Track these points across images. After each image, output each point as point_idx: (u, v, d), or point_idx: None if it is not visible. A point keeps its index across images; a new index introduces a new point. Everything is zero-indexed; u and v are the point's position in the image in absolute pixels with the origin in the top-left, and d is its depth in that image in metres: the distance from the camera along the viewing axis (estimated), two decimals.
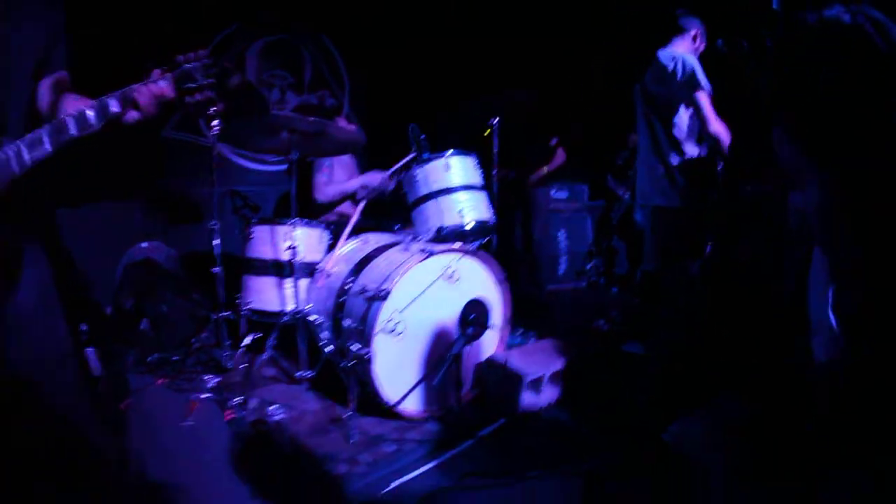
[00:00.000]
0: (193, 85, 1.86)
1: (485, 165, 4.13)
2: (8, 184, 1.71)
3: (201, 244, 4.07)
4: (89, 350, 3.86)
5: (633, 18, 5.21)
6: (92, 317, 4.53)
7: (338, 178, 4.81)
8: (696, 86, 3.64)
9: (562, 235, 6.37)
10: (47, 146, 1.73)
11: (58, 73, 2.00)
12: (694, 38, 3.94)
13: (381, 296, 3.06)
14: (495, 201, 4.22)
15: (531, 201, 5.98)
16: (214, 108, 2.42)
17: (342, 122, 5.05)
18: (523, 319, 4.41)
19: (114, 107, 1.80)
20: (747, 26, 3.24)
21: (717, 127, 3.61)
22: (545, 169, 6.07)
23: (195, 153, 5.54)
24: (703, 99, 3.63)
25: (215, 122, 3.85)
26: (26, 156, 1.72)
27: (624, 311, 4.91)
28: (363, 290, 3.22)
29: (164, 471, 2.75)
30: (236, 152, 6.00)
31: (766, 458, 2.14)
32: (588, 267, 6.50)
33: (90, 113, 1.76)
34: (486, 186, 4.01)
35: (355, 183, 4.72)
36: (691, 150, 3.86)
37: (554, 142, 6.16)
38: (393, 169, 4.17)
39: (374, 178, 4.55)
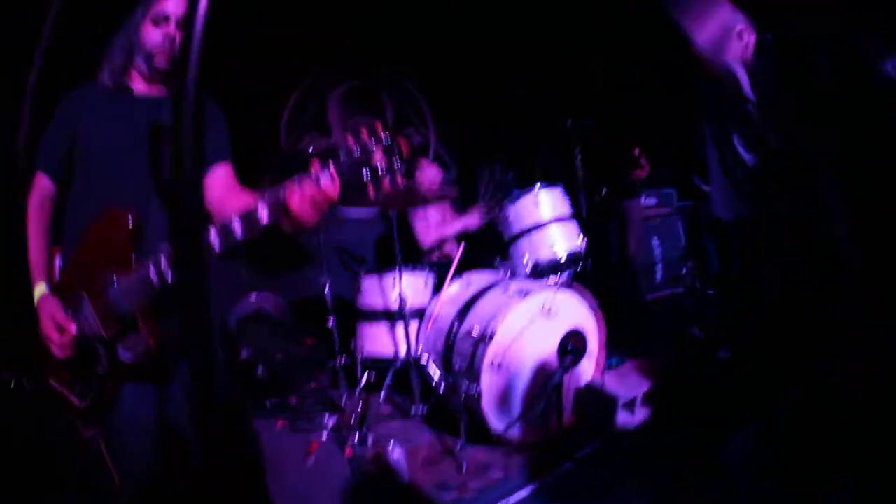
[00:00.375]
0: (374, 172, 1.56)
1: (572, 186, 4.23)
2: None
3: (309, 291, 4.26)
4: None
5: None
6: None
7: (433, 221, 4.99)
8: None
9: (655, 242, 6.34)
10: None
11: (219, 166, 2.12)
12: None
13: (487, 338, 3.25)
14: (587, 221, 4.29)
15: (625, 214, 5.90)
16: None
17: (429, 168, 5.19)
18: (623, 336, 4.47)
19: (264, 216, 1.61)
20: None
21: None
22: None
23: None
24: None
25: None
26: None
27: (719, 314, 4.87)
28: (469, 333, 3.43)
29: None
30: None
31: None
32: (683, 271, 6.45)
33: (234, 225, 1.62)
34: (575, 213, 4.12)
35: (456, 226, 4.88)
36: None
37: (637, 152, 6.11)
38: (487, 211, 4.29)
39: (473, 221, 4.70)
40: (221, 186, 2.08)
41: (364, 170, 1.55)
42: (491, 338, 3.23)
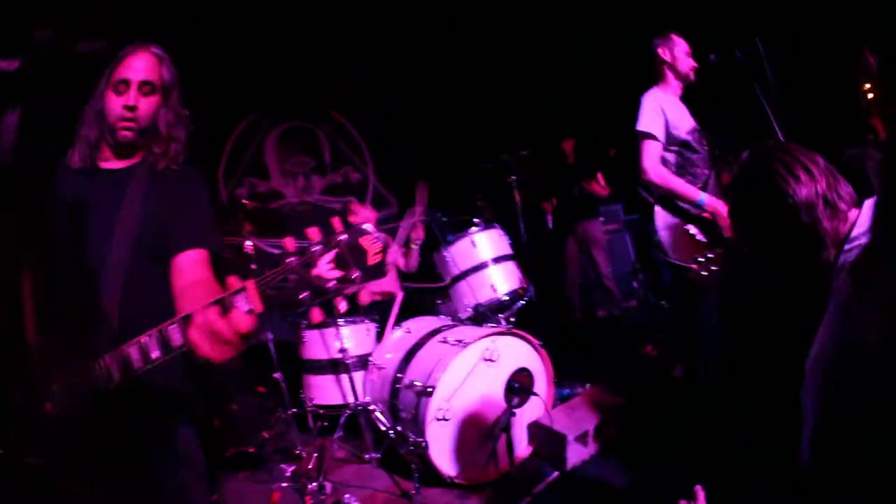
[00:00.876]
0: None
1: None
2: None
3: (255, 340, 4.26)
4: None
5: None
6: None
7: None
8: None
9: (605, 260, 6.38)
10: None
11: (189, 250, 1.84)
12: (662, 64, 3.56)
13: (428, 392, 3.29)
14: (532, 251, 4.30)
15: (585, 235, 5.87)
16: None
17: (362, 210, 5.14)
18: (575, 362, 4.53)
19: (175, 340, 1.38)
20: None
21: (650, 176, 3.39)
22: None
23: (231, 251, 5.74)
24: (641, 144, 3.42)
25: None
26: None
27: (672, 329, 4.92)
28: (412, 385, 3.47)
29: None
30: (271, 244, 6.16)
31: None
32: (635, 285, 6.55)
33: (152, 349, 1.41)
34: (514, 253, 4.17)
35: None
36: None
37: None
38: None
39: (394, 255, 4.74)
40: (188, 277, 1.77)
41: (304, 292, 1.22)
42: (432, 392, 3.27)
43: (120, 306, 1.71)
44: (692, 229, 3.32)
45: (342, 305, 1.25)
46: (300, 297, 1.20)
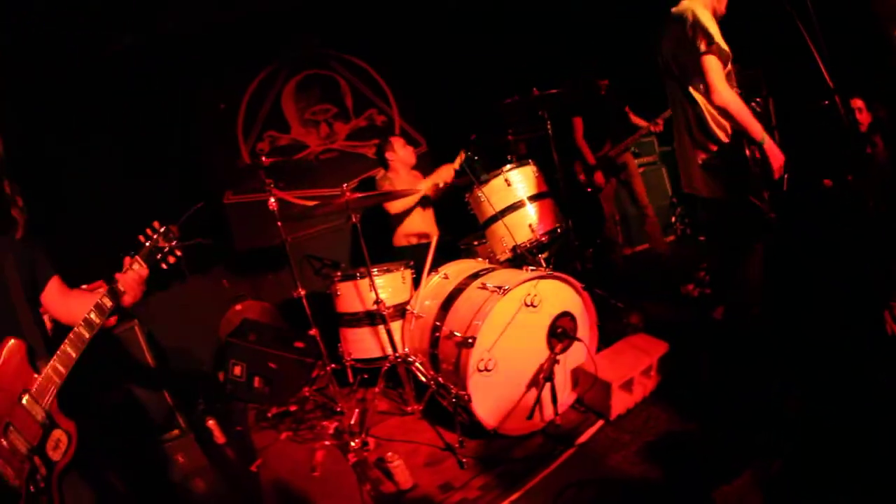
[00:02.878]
0: (162, 254, 2.29)
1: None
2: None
3: (291, 290, 4.18)
4: (210, 422, 4.11)
5: None
6: (205, 390, 4.80)
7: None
8: (702, 43, 2.89)
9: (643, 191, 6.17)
10: (73, 355, 2.08)
11: (49, 281, 2.31)
12: None
13: (469, 343, 3.13)
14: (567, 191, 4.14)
15: (626, 170, 5.68)
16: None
17: (401, 148, 4.97)
18: (619, 301, 4.37)
19: (108, 303, 2.17)
20: None
21: (725, 97, 2.88)
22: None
23: (258, 210, 5.62)
24: (708, 61, 2.88)
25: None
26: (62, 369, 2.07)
27: (711, 265, 4.70)
28: (451, 335, 3.32)
29: None
30: (297, 197, 6.12)
31: None
32: (673, 219, 6.34)
33: (93, 317, 2.12)
34: (549, 190, 3.98)
35: (426, 185, 4.73)
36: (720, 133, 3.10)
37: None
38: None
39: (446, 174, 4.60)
40: (58, 297, 2.32)
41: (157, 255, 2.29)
42: (472, 343, 3.11)
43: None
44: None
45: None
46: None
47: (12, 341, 2.06)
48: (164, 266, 2.32)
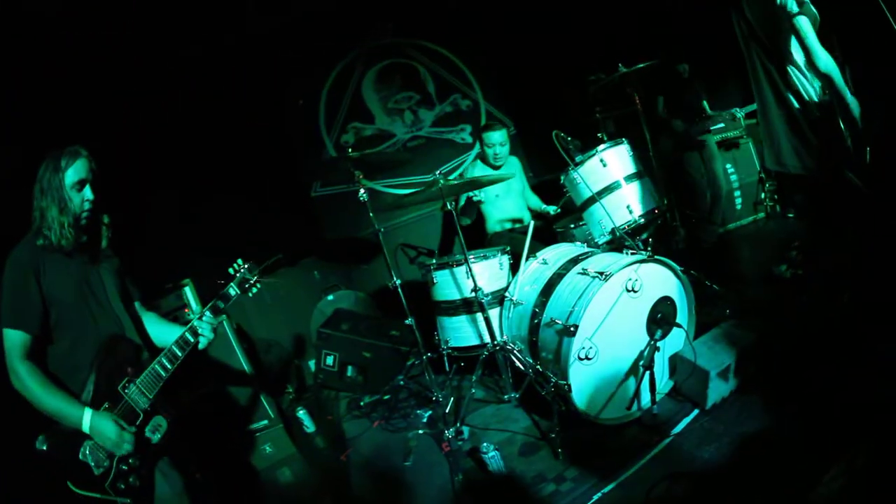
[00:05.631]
0: (249, 284, 2.75)
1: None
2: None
3: (384, 279, 4.21)
4: (300, 412, 4.17)
5: None
6: (297, 380, 4.89)
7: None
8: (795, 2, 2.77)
9: (731, 169, 6.01)
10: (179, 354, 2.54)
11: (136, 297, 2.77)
12: None
13: (571, 331, 3.07)
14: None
15: (696, 148, 5.54)
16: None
17: (491, 132, 4.91)
18: (713, 282, 4.25)
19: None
20: None
21: (826, 62, 2.77)
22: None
23: (347, 200, 5.74)
24: (802, 23, 2.78)
25: None
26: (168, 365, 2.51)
27: (802, 244, 4.52)
28: (552, 322, 3.26)
29: None
30: (386, 184, 6.16)
31: None
32: (762, 195, 6.11)
33: (178, 351, 2.52)
34: (644, 169, 3.89)
35: None
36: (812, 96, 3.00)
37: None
38: None
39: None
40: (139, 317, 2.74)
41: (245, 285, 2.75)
42: (575, 332, 3.05)
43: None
44: None
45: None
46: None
47: (121, 339, 2.49)
48: (249, 294, 2.76)
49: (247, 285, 2.72)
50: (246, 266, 2.73)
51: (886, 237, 3.03)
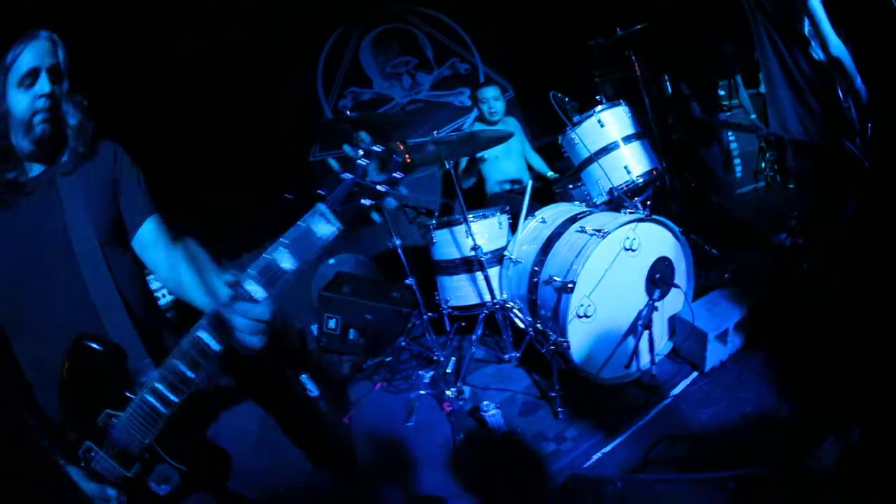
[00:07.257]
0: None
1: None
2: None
3: (385, 246, 4.21)
4: (303, 376, 4.21)
5: None
6: (300, 344, 4.92)
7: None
8: None
9: (731, 138, 5.99)
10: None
11: (143, 224, 1.90)
12: None
13: (569, 288, 3.11)
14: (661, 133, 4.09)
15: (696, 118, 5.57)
16: None
17: (487, 89, 5.04)
18: (712, 246, 4.29)
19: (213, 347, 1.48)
20: None
21: (838, 48, 2.81)
22: None
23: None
24: (819, 7, 2.80)
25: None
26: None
27: (801, 214, 4.55)
28: (551, 280, 3.31)
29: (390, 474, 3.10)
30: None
31: None
32: (763, 165, 6.12)
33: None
34: (644, 130, 3.91)
35: None
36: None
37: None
38: None
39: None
40: (155, 246, 1.87)
41: (365, 198, 1.48)
42: (573, 288, 3.10)
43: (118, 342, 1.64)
44: None
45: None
46: (363, 203, 1.45)
47: (88, 345, 1.59)
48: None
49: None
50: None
51: (883, 215, 3.07)
